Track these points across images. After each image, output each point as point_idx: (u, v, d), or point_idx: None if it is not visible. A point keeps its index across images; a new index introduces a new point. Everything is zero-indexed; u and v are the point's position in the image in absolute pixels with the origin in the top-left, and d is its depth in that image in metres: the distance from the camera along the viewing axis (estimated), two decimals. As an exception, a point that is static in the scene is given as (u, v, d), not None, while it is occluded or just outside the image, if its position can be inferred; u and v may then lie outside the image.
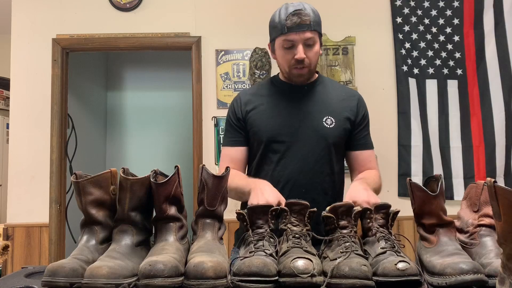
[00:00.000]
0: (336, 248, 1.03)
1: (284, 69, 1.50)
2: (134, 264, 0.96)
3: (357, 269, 0.92)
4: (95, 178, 1.07)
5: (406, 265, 0.92)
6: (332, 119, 1.47)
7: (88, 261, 0.98)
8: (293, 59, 1.43)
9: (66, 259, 0.97)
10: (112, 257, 0.96)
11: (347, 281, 0.91)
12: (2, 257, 2.57)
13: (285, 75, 1.52)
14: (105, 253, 0.99)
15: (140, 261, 0.95)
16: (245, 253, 1.02)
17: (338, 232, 1.06)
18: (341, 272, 0.92)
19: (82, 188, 1.06)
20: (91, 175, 1.08)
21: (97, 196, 1.07)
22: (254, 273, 0.91)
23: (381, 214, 1.11)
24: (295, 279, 0.90)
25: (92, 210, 1.06)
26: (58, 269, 0.92)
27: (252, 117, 1.49)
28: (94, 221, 1.06)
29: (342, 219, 1.08)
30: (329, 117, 1.48)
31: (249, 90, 1.64)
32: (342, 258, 0.96)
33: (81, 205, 1.07)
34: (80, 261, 0.96)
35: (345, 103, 1.53)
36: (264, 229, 1.08)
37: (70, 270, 0.92)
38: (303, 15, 1.39)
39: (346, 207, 1.08)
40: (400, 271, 0.92)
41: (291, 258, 0.94)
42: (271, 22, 1.47)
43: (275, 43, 1.47)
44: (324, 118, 1.47)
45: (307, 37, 1.40)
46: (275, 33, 1.44)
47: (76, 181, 1.07)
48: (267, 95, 1.54)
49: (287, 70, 1.48)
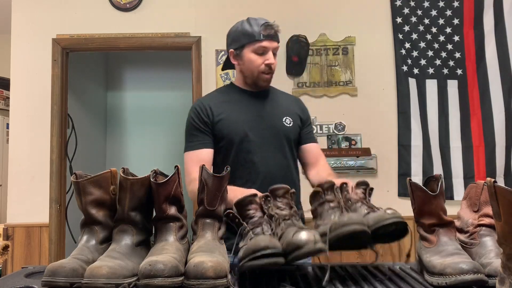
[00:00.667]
0: (329, 217, 1.08)
1: (251, 74, 1.64)
2: (134, 264, 0.96)
3: (355, 217, 1.00)
4: (95, 178, 1.08)
5: (393, 211, 1.03)
6: (290, 119, 1.67)
7: (88, 261, 0.98)
8: (263, 64, 1.60)
9: (66, 259, 0.97)
10: (112, 257, 0.96)
11: (348, 227, 0.96)
12: (2, 257, 2.57)
13: (249, 80, 1.66)
14: (105, 253, 0.99)
15: (140, 261, 0.95)
16: (246, 242, 1.02)
17: (326, 205, 1.12)
18: (341, 223, 0.98)
19: (82, 188, 1.06)
20: (91, 175, 1.08)
21: (97, 196, 1.07)
22: (263, 247, 0.92)
23: (361, 189, 1.20)
24: (300, 250, 0.92)
25: (92, 210, 1.06)
26: (58, 269, 0.92)
27: (221, 121, 1.62)
28: (94, 221, 1.06)
29: (328, 194, 1.14)
30: (287, 117, 1.68)
31: (209, 97, 1.75)
32: (337, 217, 1.04)
33: (81, 205, 1.07)
34: (80, 261, 0.96)
35: (294, 105, 1.75)
36: (257, 217, 1.09)
37: (70, 270, 0.92)
38: (275, 27, 1.60)
39: (330, 184, 1.16)
40: (391, 214, 1.02)
41: (291, 234, 0.95)
42: (241, 31, 1.62)
43: (243, 50, 1.61)
44: (283, 118, 1.67)
45: (276, 46, 1.61)
46: (247, 39, 1.60)
47: (76, 181, 1.07)
48: (229, 101, 1.68)
49: (255, 74, 1.63)
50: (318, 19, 3.14)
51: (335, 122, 3.06)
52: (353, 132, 3.07)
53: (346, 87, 3.11)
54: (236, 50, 1.63)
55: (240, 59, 1.64)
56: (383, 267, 1.16)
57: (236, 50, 1.63)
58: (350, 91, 3.10)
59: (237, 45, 1.63)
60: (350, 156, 3.03)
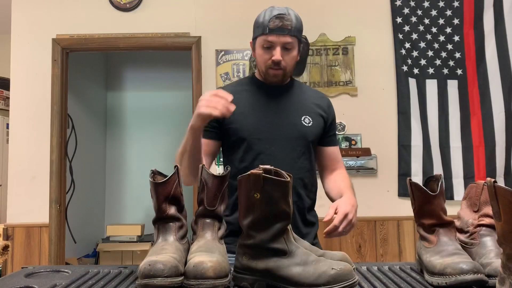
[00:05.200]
0: None
1: (261, 68, 1.56)
2: None
3: None
4: None
5: None
6: (309, 118, 1.56)
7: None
8: (270, 60, 1.49)
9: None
10: None
11: None
12: (2, 257, 2.57)
13: (262, 74, 1.59)
14: None
15: None
16: None
17: None
18: None
19: None
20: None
21: None
22: None
23: None
24: None
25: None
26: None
27: (232, 115, 1.48)
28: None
29: None
30: (307, 117, 1.56)
31: (229, 87, 1.66)
32: None
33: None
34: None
35: (318, 104, 1.62)
36: None
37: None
38: (285, 20, 1.46)
39: None
40: None
41: None
42: (255, 21, 1.54)
43: (256, 42, 1.53)
44: (302, 117, 1.55)
45: (286, 41, 1.47)
46: (257, 32, 1.51)
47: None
48: (246, 93, 1.60)
49: (263, 69, 1.54)
50: (318, 19, 3.14)
51: (335, 122, 3.06)
52: (353, 132, 3.07)
53: (346, 87, 3.11)
54: (253, 41, 1.56)
55: (254, 51, 1.56)
56: (383, 267, 1.16)
57: (253, 41, 1.56)
58: (350, 91, 3.10)
59: (253, 36, 1.55)
60: (350, 156, 3.03)
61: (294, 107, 1.57)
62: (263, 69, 1.54)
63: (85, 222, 4.28)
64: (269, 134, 1.52)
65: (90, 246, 4.37)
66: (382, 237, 2.98)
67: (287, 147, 1.53)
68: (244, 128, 1.52)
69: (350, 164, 3.01)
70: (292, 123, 1.54)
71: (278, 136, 1.52)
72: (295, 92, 1.62)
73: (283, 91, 1.60)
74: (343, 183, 1.55)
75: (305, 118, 1.56)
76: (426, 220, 1.06)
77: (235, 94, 1.53)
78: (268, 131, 1.52)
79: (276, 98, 1.58)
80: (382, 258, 2.98)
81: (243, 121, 1.53)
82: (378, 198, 3.00)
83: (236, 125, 1.53)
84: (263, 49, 1.50)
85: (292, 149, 1.53)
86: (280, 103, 1.57)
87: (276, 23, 1.45)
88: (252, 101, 1.57)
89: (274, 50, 1.48)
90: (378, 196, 3.00)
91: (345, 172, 1.64)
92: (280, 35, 1.46)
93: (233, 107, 1.31)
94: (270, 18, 1.46)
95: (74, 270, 1.14)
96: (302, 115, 1.56)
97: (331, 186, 1.58)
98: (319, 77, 3.11)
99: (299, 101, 1.59)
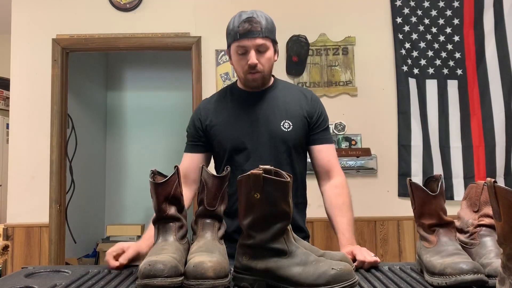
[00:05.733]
0: None
1: (239, 75, 1.55)
2: None
3: None
4: None
5: None
6: (289, 123, 1.52)
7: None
8: (247, 65, 1.48)
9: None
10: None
11: None
12: (2, 257, 2.57)
13: (241, 81, 1.57)
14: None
15: None
16: None
17: None
18: None
19: None
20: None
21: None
22: None
23: None
24: None
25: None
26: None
27: (214, 128, 1.54)
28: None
29: None
30: (286, 121, 1.52)
31: (209, 100, 1.66)
32: None
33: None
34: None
35: (300, 104, 1.58)
36: None
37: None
38: (254, 22, 1.44)
39: None
40: None
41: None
42: (227, 30, 1.53)
43: (231, 50, 1.52)
44: (281, 123, 1.52)
45: (258, 43, 1.45)
46: (230, 39, 1.51)
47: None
48: (226, 104, 1.59)
49: (242, 75, 1.53)
50: (318, 19, 3.14)
51: (335, 122, 3.06)
52: (353, 132, 3.07)
53: (346, 87, 3.11)
54: (228, 50, 1.55)
55: (231, 60, 1.55)
56: (383, 267, 1.16)
57: (228, 49, 1.55)
58: (350, 91, 3.10)
59: (227, 44, 1.54)
60: (350, 156, 3.03)
61: (273, 112, 1.54)
62: (242, 75, 1.52)
63: (85, 222, 4.28)
64: (250, 144, 1.51)
65: (90, 246, 4.37)
66: (382, 237, 2.98)
67: (269, 155, 1.50)
68: (224, 140, 1.53)
69: (350, 164, 3.01)
70: (270, 130, 1.51)
71: (258, 145, 1.51)
72: (277, 96, 1.58)
73: (263, 97, 1.57)
74: (340, 201, 1.46)
75: (284, 123, 1.52)
76: (426, 220, 1.06)
77: (215, 107, 1.58)
78: (248, 142, 1.51)
79: (256, 105, 1.55)
80: (382, 258, 2.98)
81: (224, 133, 1.53)
82: (378, 198, 3.00)
83: (218, 137, 1.54)
84: (238, 56, 1.49)
85: (275, 157, 1.50)
86: (260, 110, 1.54)
87: (246, 26, 1.44)
88: (232, 112, 1.56)
89: (248, 54, 1.46)
90: (378, 196, 3.00)
91: (343, 182, 1.53)
92: (251, 38, 1.45)
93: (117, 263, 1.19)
94: (239, 23, 1.46)
95: (74, 270, 1.14)
96: (281, 120, 1.52)
97: (328, 205, 1.50)
98: (319, 77, 3.11)
99: (279, 105, 1.56)
